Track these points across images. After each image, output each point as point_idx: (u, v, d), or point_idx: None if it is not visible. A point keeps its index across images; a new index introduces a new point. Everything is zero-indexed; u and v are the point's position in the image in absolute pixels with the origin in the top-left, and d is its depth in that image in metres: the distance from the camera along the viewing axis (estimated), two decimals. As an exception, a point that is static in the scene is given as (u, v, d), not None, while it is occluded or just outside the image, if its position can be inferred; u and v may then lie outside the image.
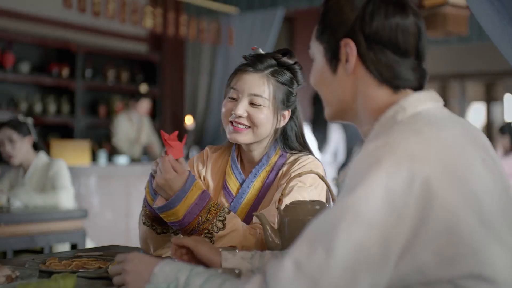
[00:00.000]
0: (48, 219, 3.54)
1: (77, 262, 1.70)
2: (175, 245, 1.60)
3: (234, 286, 1.21)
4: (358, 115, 1.32)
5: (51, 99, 7.18)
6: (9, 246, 3.33)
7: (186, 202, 1.75)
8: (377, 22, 1.26)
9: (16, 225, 3.39)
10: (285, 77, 1.98)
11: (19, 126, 3.96)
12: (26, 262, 1.74)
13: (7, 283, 1.50)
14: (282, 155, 2.02)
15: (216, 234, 1.78)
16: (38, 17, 7.09)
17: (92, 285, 1.49)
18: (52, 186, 3.85)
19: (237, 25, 7.75)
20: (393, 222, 1.10)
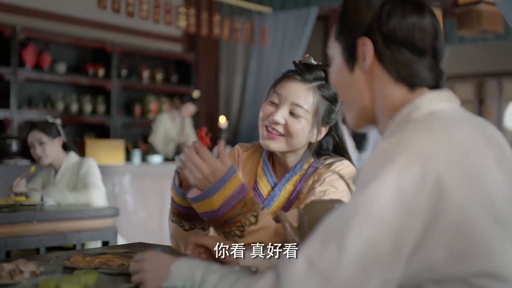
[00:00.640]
0: (80, 217, 3.59)
1: (100, 259, 1.73)
2: (193, 244, 1.61)
3: (247, 283, 1.23)
4: (376, 115, 1.32)
5: (87, 99, 7.28)
6: (42, 243, 3.39)
7: (224, 192, 1.71)
8: (394, 21, 1.27)
9: (49, 223, 3.45)
10: (330, 92, 1.95)
11: (48, 128, 4.01)
12: (52, 259, 1.78)
13: (32, 279, 1.53)
14: (315, 162, 2.01)
15: (247, 229, 1.76)
16: (74, 18, 7.21)
17: (114, 282, 1.52)
18: (83, 184, 3.91)
19: (270, 25, 7.76)
20: (405, 219, 1.10)
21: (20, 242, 3.31)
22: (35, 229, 3.38)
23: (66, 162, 4.03)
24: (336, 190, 1.87)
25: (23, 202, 3.56)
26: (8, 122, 6.10)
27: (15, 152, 5.53)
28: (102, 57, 7.38)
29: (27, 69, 6.61)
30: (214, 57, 8.63)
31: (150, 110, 7.88)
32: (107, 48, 7.31)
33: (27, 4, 6.84)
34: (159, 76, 7.98)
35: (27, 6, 6.84)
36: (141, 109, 7.88)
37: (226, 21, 6.92)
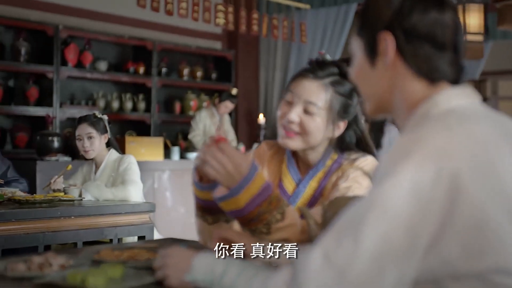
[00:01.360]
0: (117, 213, 3.66)
1: (128, 253, 1.77)
2: (216, 239, 1.64)
3: (265, 277, 1.25)
4: (396, 109, 1.33)
5: (128, 97, 7.38)
6: (79, 238, 3.46)
7: (249, 191, 1.71)
8: (415, 16, 1.27)
9: (86, 218, 3.51)
10: (345, 88, 1.96)
11: (98, 123, 4.12)
12: (81, 252, 1.82)
13: (60, 271, 1.57)
14: (338, 158, 2.02)
15: (273, 226, 1.77)
16: (115, 16, 7.31)
17: (139, 275, 1.54)
18: (122, 180, 3.98)
19: (310, 22, 7.75)
20: (420, 215, 1.11)
21: (58, 236, 3.39)
22: (73, 224, 3.45)
23: (107, 158, 4.12)
24: (360, 186, 1.87)
25: (62, 198, 3.63)
26: (50, 119, 6.21)
27: (56, 149, 5.63)
28: (143, 55, 7.47)
29: (69, 67, 6.73)
30: (253, 54, 8.65)
31: (190, 107, 7.94)
32: (147, 46, 7.39)
33: (69, 4, 6.96)
34: (199, 73, 8.04)
35: (69, 5, 6.96)
36: (181, 106, 7.95)
37: (265, 18, 6.94)
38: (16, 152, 6.39)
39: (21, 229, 3.25)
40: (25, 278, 1.53)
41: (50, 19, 6.73)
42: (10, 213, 3.24)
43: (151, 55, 7.42)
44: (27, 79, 6.56)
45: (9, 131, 6.55)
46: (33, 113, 6.49)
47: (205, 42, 8.28)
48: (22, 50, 6.42)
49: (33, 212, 3.34)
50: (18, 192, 3.82)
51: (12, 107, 6.44)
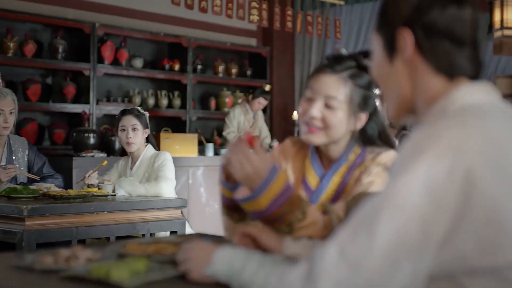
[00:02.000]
0: (150, 208, 3.70)
1: (153, 247, 1.79)
2: (240, 234, 1.66)
3: (283, 271, 1.26)
4: (416, 105, 1.34)
5: (163, 93, 7.44)
6: (112, 233, 3.51)
7: (270, 193, 1.73)
8: (434, 12, 1.27)
9: (119, 213, 3.56)
10: (363, 80, 1.97)
11: (141, 117, 4.19)
12: (109, 246, 1.86)
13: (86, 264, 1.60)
14: (361, 153, 2.02)
15: (295, 225, 1.79)
16: (150, 14, 7.38)
17: (163, 269, 1.57)
18: (155, 177, 4.03)
19: (344, 18, 7.73)
20: (434, 211, 1.12)
21: (91, 231, 3.45)
22: (106, 219, 3.50)
23: (144, 154, 4.18)
24: (383, 181, 1.87)
25: (95, 193, 3.69)
26: (86, 116, 6.30)
27: (92, 145, 5.72)
28: (178, 52, 7.52)
29: (105, 64, 6.81)
30: (289, 50, 8.65)
31: (225, 104, 7.97)
32: (183, 43, 7.45)
33: (106, 2, 7.05)
34: (234, 70, 8.07)
35: (106, 3, 7.05)
36: (216, 103, 7.99)
37: (299, 15, 6.94)
38: (54, 148, 6.50)
39: (55, 223, 3.31)
40: (52, 271, 1.56)
41: (86, 17, 6.82)
42: (45, 208, 3.30)
43: (187, 52, 7.48)
44: (65, 76, 6.66)
45: (47, 128, 6.66)
46: (70, 110, 6.59)
47: (240, 39, 8.30)
48: (60, 48, 6.52)
49: (67, 207, 3.40)
50: (53, 187, 3.89)
51: (50, 104, 6.55)
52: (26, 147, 4.32)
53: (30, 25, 6.57)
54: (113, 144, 6.01)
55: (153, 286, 1.43)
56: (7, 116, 4.10)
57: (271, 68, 8.41)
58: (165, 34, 7.34)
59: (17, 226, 3.23)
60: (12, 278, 1.53)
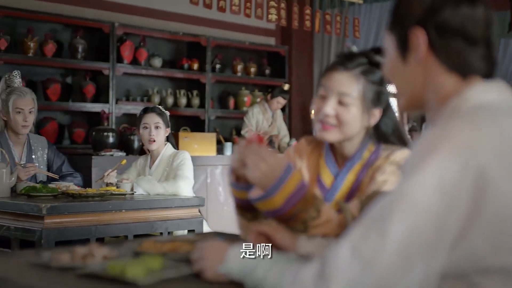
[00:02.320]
0: (167, 207, 3.72)
1: (169, 246, 1.81)
2: (254, 233, 1.67)
3: (296, 269, 1.27)
4: (428, 104, 1.34)
5: (182, 93, 7.46)
6: (130, 231, 3.54)
7: (284, 191, 1.73)
8: (447, 11, 1.28)
9: (137, 212, 3.59)
10: (376, 76, 1.97)
11: (164, 115, 4.23)
12: (125, 244, 1.87)
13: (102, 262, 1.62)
14: (375, 150, 2.02)
15: (310, 223, 1.79)
16: (169, 13, 7.41)
17: (177, 267, 1.58)
18: (174, 175, 4.06)
19: (363, 17, 7.71)
20: (446, 210, 1.12)
21: (110, 229, 3.47)
22: (124, 217, 3.52)
23: (163, 153, 4.21)
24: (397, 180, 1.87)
25: (113, 192, 3.72)
26: (106, 115, 6.34)
27: (111, 144, 5.75)
28: (197, 51, 7.55)
29: (124, 64, 6.85)
30: (307, 49, 8.65)
31: (243, 103, 7.99)
32: (201, 42, 7.47)
33: (125, 1, 7.09)
34: (253, 69, 8.08)
35: (125, 3, 7.09)
36: (234, 102, 8.00)
37: (317, 14, 6.93)
38: (74, 147, 6.55)
39: (73, 222, 3.34)
40: (69, 269, 1.58)
41: (106, 17, 6.86)
42: (64, 206, 3.33)
43: (205, 52, 7.50)
44: (84, 76, 6.71)
45: (67, 127, 6.71)
46: (90, 109, 6.64)
47: (258, 38, 8.31)
48: (79, 48, 6.57)
49: (86, 206, 3.42)
50: (72, 186, 3.92)
51: (70, 103, 6.60)
52: (46, 146, 4.36)
53: (50, 25, 6.63)
54: (132, 143, 6.04)
55: (168, 284, 1.45)
56: (26, 115, 4.14)
57: (289, 67, 8.41)
58: (184, 33, 7.37)
59: (36, 224, 3.26)
60: (30, 275, 1.56)
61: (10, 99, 4.12)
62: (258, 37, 8.31)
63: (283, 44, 8.52)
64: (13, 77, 4.23)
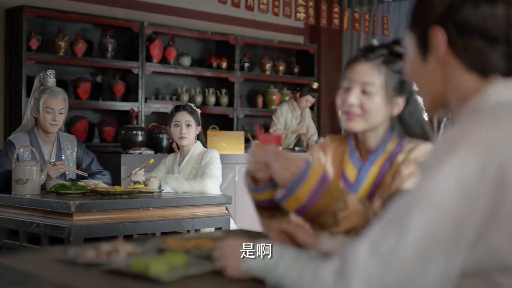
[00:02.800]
0: (195, 204, 3.75)
1: (193, 243, 1.82)
2: (276, 230, 1.68)
3: (316, 266, 1.27)
4: (449, 103, 1.34)
5: (211, 91, 7.49)
6: (157, 229, 3.57)
7: (307, 185, 1.76)
8: (467, 10, 1.27)
9: (165, 209, 3.62)
10: (397, 65, 1.98)
11: (195, 113, 4.27)
12: (150, 241, 1.90)
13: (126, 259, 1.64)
14: (399, 143, 2.03)
15: (340, 215, 1.79)
16: (197, 12, 7.44)
17: (200, 264, 1.60)
18: (202, 173, 4.08)
19: (393, 15, 7.66)
20: (466, 208, 1.12)
21: (137, 227, 3.51)
22: (152, 215, 3.56)
23: (193, 151, 4.24)
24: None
25: (141, 190, 3.75)
26: (135, 114, 6.39)
27: (140, 142, 5.80)
28: (226, 50, 7.57)
29: (154, 63, 6.90)
30: (336, 48, 8.63)
31: (272, 101, 7.99)
32: (230, 41, 7.49)
33: (154, 1, 7.14)
34: (281, 67, 8.08)
35: (154, 3, 7.14)
36: (263, 100, 8.02)
37: (346, 12, 6.91)
38: (104, 145, 6.62)
39: (101, 219, 3.38)
40: (93, 265, 1.60)
41: (135, 16, 6.92)
42: (92, 204, 3.37)
43: (234, 50, 7.52)
44: (114, 75, 6.77)
45: (97, 126, 6.78)
46: (119, 108, 6.70)
47: (287, 36, 8.31)
48: (109, 47, 6.63)
49: (113, 203, 3.47)
50: (101, 184, 3.96)
51: (100, 102, 6.67)
52: (75, 144, 4.41)
53: (80, 25, 6.70)
54: (161, 141, 6.08)
55: (190, 280, 1.46)
56: (56, 114, 4.19)
57: (318, 65, 8.40)
58: (212, 32, 7.40)
59: (65, 222, 3.31)
60: (55, 271, 1.58)
61: (42, 97, 4.17)
62: (287, 35, 8.31)
63: (312, 42, 8.51)
64: (47, 76, 4.29)
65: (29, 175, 3.68)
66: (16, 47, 6.12)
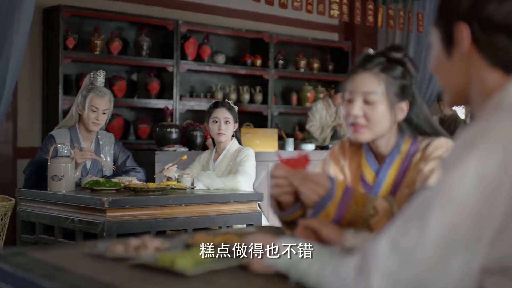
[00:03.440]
0: (227, 201, 3.78)
1: (220, 238, 1.85)
2: (301, 226, 1.69)
3: (338, 262, 1.29)
4: (472, 99, 1.34)
5: (245, 89, 7.52)
6: (189, 225, 3.60)
7: (334, 201, 1.80)
8: (491, 6, 1.27)
9: (197, 206, 3.65)
10: (396, 71, 2.00)
11: (233, 110, 4.31)
12: (178, 236, 1.92)
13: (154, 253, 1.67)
14: (413, 143, 2.04)
15: (371, 221, 1.82)
16: (232, 10, 7.48)
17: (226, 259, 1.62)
18: (235, 171, 4.11)
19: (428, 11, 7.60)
20: (486, 205, 1.12)
21: (169, 223, 3.55)
22: (184, 211, 3.59)
23: (228, 148, 4.28)
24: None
25: (174, 186, 3.79)
26: (169, 111, 6.45)
27: (174, 140, 5.85)
28: (260, 48, 7.59)
29: (188, 61, 6.95)
30: (371, 45, 8.58)
31: (306, 99, 7.99)
32: (264, 38, 7.51)
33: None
34: (316, 65, 8.07)
35: (188, 1, 7.19)
36: (297, 98, 8.02)
37: (380, 9, 6.88)
38: (139, 143, 6.69)
39: (134, 215, 3.43)
40: (122, 259, 1.64)
41: (170, 15, 6.98)
42: (125, 200, 3.42)
43: (268, 48, 7.53)
44: (149, 73, 6.84)
45: (132, 123, 6.85)
46: (154, 106, 6.76)
47: (322, 33, 8.30)
48: (144, 45, 6.70)
49: (146, 200, 3.51)
50: (134, 180, 4.01)
51: (135, 100, 6.74)
52: (113, 141, 4.48)
53: (116, 24, 6.78)
54: (195, 138, 6.13)
55: (215, 275, 1.49)
56: (100, 113, 4.25)
57: (353, 62, 8.36)
58: (246, 30, 7.42)
59: (99, 217, 3.36)
60: (85, 264, 1.62)
61: (89, 96, 4.24)
62: (321, 32, 8.30)
63: (346, 39, 8.49)
64: (97, 76, 4.36)
65: (64, 171, 3.74)
66: (53, 46, 6.22)
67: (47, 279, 1.43)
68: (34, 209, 3.85)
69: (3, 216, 4.49)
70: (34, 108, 6.30)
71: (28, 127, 6.25)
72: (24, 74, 6.10)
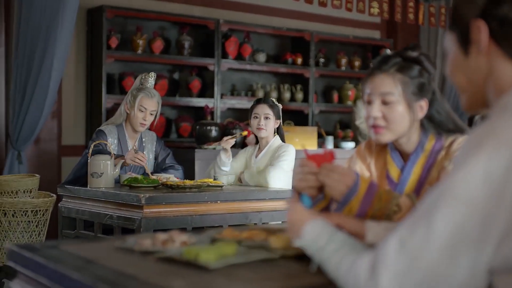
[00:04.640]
0: (261, 198, 3.81)
1: (247, 234, 1.89)
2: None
3: (356, 256, 1.31)
4: (489, 98, 1.34)
5: (286, 87, 7.54)
6: (225, 222, 3.65)
7: (358, 195, 1.82)
8: (508, 2, 1.28)
9: (232, 203, 3.70)
10: (412, 70, 2.02)
11: (275, 107, 4.37)
12: (205, 232, 1.98)
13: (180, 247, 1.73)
14: (437, 141, 2.06)
15: (394, 218, 1.84)
16: (272, 9, 7.51)
17: (249, 253, 1.66)
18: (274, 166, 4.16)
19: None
20: (492, 205, 1.13)
21: (205, 219, 3.60)
22: (219, 208, 3.65)
23: (271, 144, 4.34)
24: None
25: (210, 183, 3.85)
26: (209, 110, 6.51)
27: (214, 138, 5.91)
28: (301, 46, 7.61)
29: (229, 59, 7.00)
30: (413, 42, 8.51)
31: (347, 97, 7.98)
32: (305, 37, 7.52)
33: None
34: (357, 63, 8.05)
35: (229, 0, 7.25)
36: (338, 96, 8.01)
37: (421, 6, 6.83)
38: (180, 141, 6.77)
39: (171, 211, 3.49)
40: (149, 253, 1.70)
41: (211, 14, 7.05)
42: (162, 197, 3.49)
43: (309, 46, 7.54)
44: (190, 71, 6.92)
45: (174, 121, 6.94)
46: (195, 104, 6.83)
47: (363, 31, 8.28)
48: (186, 44, 6.77)
49: (182, 196, 3.57)
50: (172, 177, 4.09)
51: (177, 98, 6.82)
52: (154, 139, 4.57)
53: (158, 23, 6.87)
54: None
55: (236, 268, 1.53)
56: (147, 114, 4.33)
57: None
58: (287, 28, 7.45)
59: (136, 214, 3.44)
60: (114, 257, 1.68)
61: (138, 96, 4.33)
62: (363, 30, 8.28)
63: (388, 37, 8.45)
64: (148, 77, 4.46)
65: (103, 169, 3.83)
66: (96, 45, 6.34)
67: (76, 271, 1.49)
68: (74, 205, 3.95)
69: (45, 212, 4.62)
70: (78, 107, 6.44)
71: (72, 125, 6.39)
72: (69, 74, 6.25)
